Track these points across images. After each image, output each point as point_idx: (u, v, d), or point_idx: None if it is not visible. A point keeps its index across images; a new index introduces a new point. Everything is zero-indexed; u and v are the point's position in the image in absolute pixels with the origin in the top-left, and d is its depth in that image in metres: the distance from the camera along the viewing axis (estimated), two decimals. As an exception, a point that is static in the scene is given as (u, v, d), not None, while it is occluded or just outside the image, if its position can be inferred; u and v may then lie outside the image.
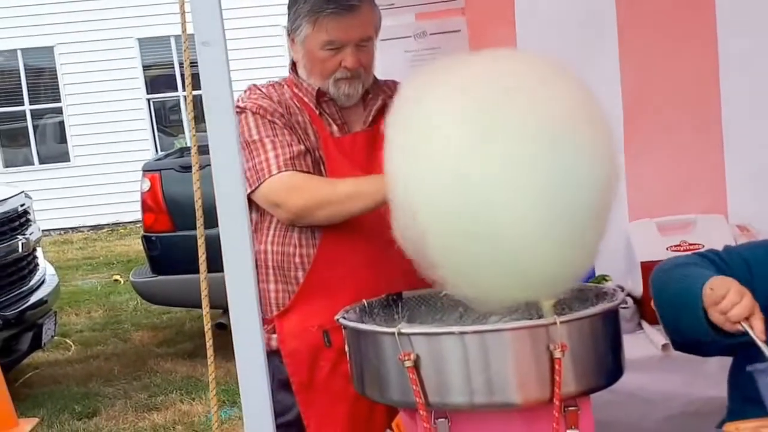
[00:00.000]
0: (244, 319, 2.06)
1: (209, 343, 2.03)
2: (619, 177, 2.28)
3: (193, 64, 1.99)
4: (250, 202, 2.83)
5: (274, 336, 3.00)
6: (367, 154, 2.99)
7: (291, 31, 3.02)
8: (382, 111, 3.03)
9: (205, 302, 2.08)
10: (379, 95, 3.09)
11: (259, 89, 3.04)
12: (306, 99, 3.03)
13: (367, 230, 2.85)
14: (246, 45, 15.74)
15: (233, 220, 2.04)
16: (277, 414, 2.33)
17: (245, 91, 3.02)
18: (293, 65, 3.10)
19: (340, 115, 3.04)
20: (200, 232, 1.97)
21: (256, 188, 2.89)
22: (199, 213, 2.06)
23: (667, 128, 3.78)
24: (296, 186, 2.86)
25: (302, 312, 2.96)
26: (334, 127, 3.02)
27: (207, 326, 2.10)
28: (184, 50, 1.96)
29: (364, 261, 2.91)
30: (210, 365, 1.99)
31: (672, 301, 2.48)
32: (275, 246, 3.01)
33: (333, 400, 2.94)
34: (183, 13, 1.95)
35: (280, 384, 2.96)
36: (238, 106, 2.43)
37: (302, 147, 2.92)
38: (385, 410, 2.84)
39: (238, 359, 2.06)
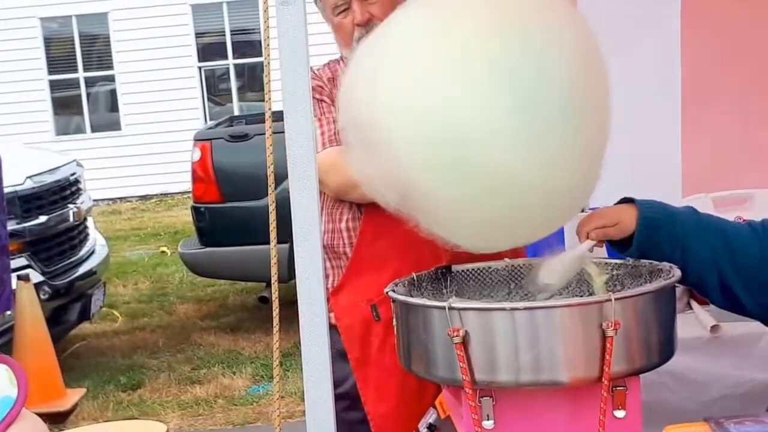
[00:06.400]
0: (310, 290, 2.03)
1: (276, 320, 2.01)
2: (606, 90, 2.23)
3: (244, 31, 1.96)
4: None
5: (331, 315, 2.99)
6: None
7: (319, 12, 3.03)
8: None
9: (273, 279, 2.05)
10: None
11: (313, 71, 3.02)
12: None
13: None
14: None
15: (304, 187, 1.99)
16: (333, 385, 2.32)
17: None
18: None
19: None
20: (271, 199, 1.94)
21: None
22: (270, 180, 2.02)
23: (726, 99, 3.71)
24: (335, 164, 2.82)
25: (353, 288, 2.97)
26: None
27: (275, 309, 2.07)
28: (264, 11, 1.92)
29: (408, 233, 2.89)
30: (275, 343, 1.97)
31: None
32: (325, 225, 3.03)
33: (385, 374, 2.95)
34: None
35: (336, 354, 2.94)
36: None
37: None
38: (435, 385, 2.81)
39: (303, 331, 2.03)
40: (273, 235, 1.99)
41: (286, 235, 2.17)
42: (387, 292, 2.38)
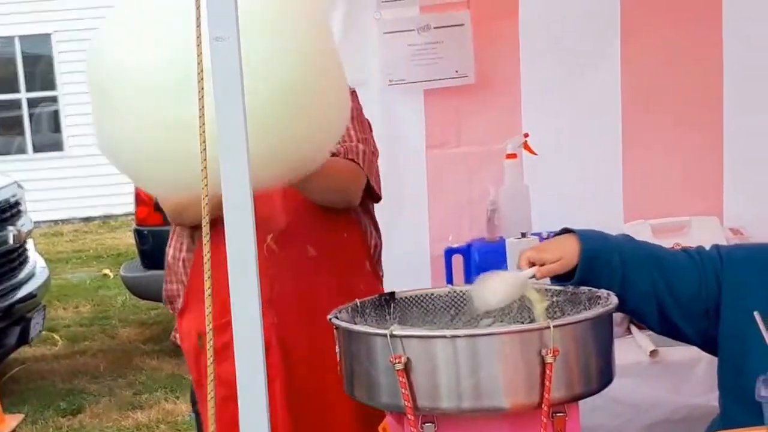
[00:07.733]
0: (246, 320, 2.01)
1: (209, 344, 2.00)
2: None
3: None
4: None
5: (177, 336, 3.11)
6: None
7: None
8: None
9: (208, 302, 2.04)
10: None
11: None
12: None
13: None
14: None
15: (239, 223, 1.99)
16: None
17: None
18: None
19: None
20: (205, 231, 1.94)
21: None
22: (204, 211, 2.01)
23: (666, 129, 3.80)
24: None
25: (189, 315, 3.01)
26: None
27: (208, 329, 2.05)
28: (197, 45, 1.93)
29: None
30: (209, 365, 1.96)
31: None
32: (170, 249, 3.08)
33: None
34: (198, 8, 1.92)
35: None
36: None
37: None
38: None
39: (239, 370, 2.01)
40: (207, 276, 1.99)
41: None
42: (330, 319, 2.38)
